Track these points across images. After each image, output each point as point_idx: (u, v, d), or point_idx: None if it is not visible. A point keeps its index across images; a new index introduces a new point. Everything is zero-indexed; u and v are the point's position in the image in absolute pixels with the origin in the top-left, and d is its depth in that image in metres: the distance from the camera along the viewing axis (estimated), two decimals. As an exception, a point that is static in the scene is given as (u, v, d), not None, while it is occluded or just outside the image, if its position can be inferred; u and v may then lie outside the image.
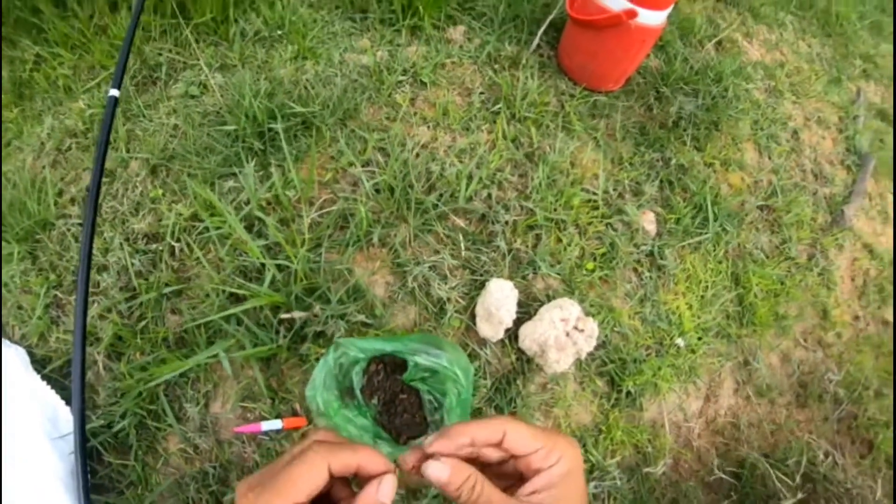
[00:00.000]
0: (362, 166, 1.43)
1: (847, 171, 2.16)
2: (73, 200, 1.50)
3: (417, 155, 1.48)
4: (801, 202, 1.90)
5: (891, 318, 1.99)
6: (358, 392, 1.16)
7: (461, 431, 0.40)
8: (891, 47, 2.87)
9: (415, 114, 1.59)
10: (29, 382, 1.22)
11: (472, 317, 1.33)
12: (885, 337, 1.91)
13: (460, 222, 1.42)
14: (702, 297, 1.60)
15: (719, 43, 2.17)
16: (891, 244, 2.11)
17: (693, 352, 1.53)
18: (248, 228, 1.33)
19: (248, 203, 1.35)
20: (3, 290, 1.39)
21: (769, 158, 1.95)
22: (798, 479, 1.49)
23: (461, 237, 1.39)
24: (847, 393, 1.72)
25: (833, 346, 1.82)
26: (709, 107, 1.88)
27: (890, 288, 2.01)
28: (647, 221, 1.57)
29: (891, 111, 2.53)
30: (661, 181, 1.69)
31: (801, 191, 1.94)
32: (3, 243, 1.43)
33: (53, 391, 1.23)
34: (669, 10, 1.57)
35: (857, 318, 1.93)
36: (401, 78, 1.65)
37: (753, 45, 2.30)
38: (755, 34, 2.34)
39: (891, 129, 2.48)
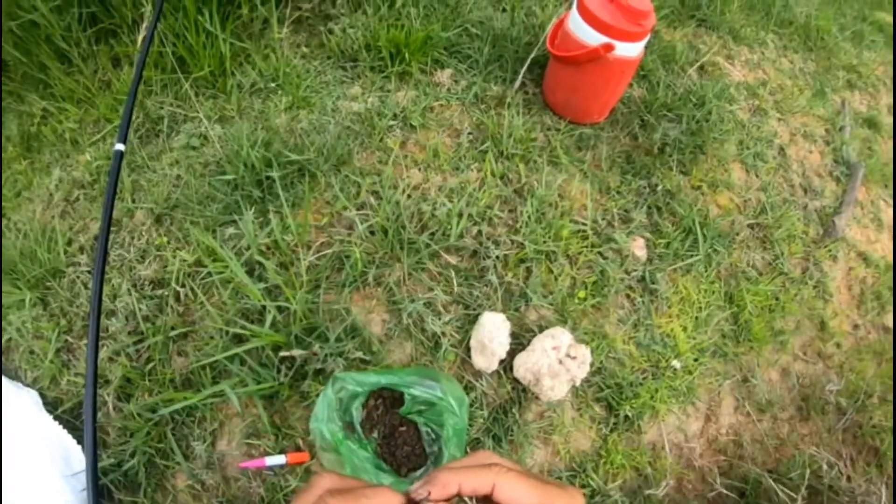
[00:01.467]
0: (356, 210, 1.48)
1: (836, 182, 2.19)
2: (81, 249, 1.55)
3: (409, 196, 1.53)
4: (792, 217, 1.93)
5: (891, 324, 2.00)
6: (358, 426, 1.20)
7: (449, 480, 0.38)
8: (873, 55, 2.91)
9: (406, 157, 1.64)
10: (42, 423, 1.26)
11: (467, 350, 1.37)
12: (886, 344, 1.92)
13: (452, 259, 1.47)
14: (696, 318, 1.63)
15: (701, 67, 2.22)
16: (885, 251, 2.13)
17: (690, 373, 1.55)
18: (249, 273, 1.38)
19: (248, 248, 1.40)
20: (16, 336, 1.45)
21: (757, 177, 1.99)
22: (803, 491, 1.50)
23: (453, 274, 1.43)
24: (850, 402, 1.73)
25: (833, 356, 1.83)
26: (693, 131, 1.92)
27: (888, 294, 2.03)
28: (637, 248, 1.61)
29: (878, 118, 2.56)
30: (650, 207, 1.73)
31: (790, 206, 1.97)
32: (16, 290, 1.48)
33: (66, 431, 1.27)
34: (646, 40, 1.62)
35: (856, 326, 1.95)
36: (391, 122, 1.71)
37: (735, 66, 2.35)
38: (737, 55, 2.39)
39: (879, 137, 2.51)
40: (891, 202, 2.31)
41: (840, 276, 1.98)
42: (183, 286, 1.42)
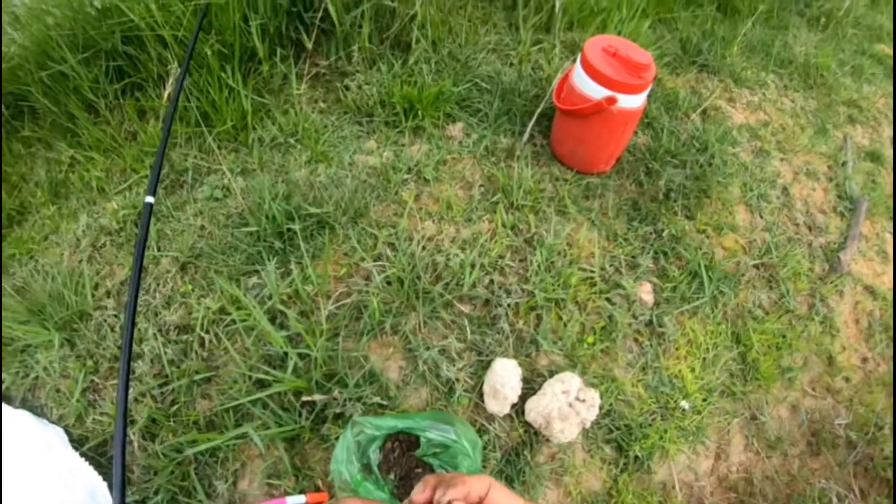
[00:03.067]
0: (373, 261, 1.55)
1: (840, 217, 2.22)
2: (108, 293, 1.60)
3: (424, 248, 1.60)
4: (797, 255, 1.96)
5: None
6: (375, 468, 1.25)
7: (463, 481, 0.44)
8: (874, 88, 2.96)
9: (420, 209, 1.71)
10: (69, 459, 1.31)
11: (480, 394, 1.42)
12: None
13: (465, 308, 1.52)
14: (703, 359, 1.66)
15: (704, 112, 2.28)
16: (892, 282, 2.14)
17: (699, 412, 1.58)
18: (272, 320, 1.44)
19: (270, 297, 1.47)
20: (43, 374, 1.50)
21: (761, 217, 2.03)
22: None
23: (467, 322, 1.49)
24: (860, 435, 1.74)
25: (842, 391, 1.85)
26: (697, 175, 1.97)
27: None
28: (645, 292, 1.66)
29: (880, 151, 2.59)
30: (656, 252, 1.78)
31: (795, 244, 2.00)
32: (44, 331, 1.52)
33: (91, 467, 1.31)
34: (648, 91, 1.69)
35: (865, 360, 1.96)
36: (406, 176, 1.78)
37: (737, 108, 2.41)
38: (738, 98, 2.45)
39: (882, 169, 2.54)
40: (896, 234, 2.33)
41: (847, 310, 2.01)
42: (207, 332, 1.47)
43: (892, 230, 2.34)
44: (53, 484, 1.24)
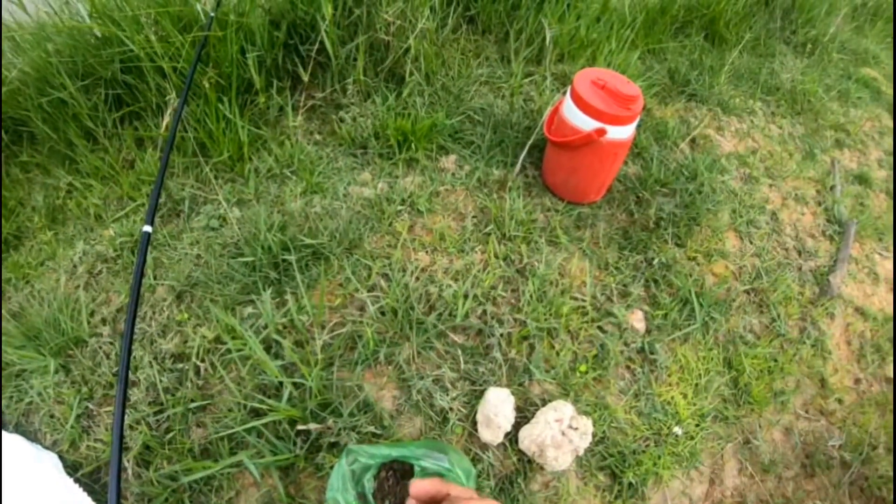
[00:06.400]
0: (367, 291, 1.57)
1: (830, 241, 2.25)
2: (104, 321, 1.61)
3: (417, 279, 1.62)
4: (787, 279, 1.99)
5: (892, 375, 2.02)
6: (370, 497, 1.26)
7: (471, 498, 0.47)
8: (860, 112, 3.02)
9: (413, 240, 1.73)
10: (64, 486, 1.31)
11: (474, 423, 1.43)
12: (889, 394, 1.93)
13: (459, 338, 1.54)
14: (696, 384, 1.68)
15: (693, 141, 2.32)
16: (883, 303, 2.16)
17: (692, 438, 1.59)
18: (267, 350, 1.46)
19: (266, 327, 1.48)
20: (37, 400, 1.50)
21: (751, 243, 2.06)
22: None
23: (460, 352, 1.51)
24: (855, 455, 1.74)
25: (835, 412, 1.86)
26: (687, 204, 2.01)
27: (888, 346, 2.06)
28: (636, 320, 1.69)
29: (868, 173, 2.63)
30: (647, 280, 1.80)
31: (785, 269, 2.03)
32: (39, 356, 1.52)
33: (85, 493, 1.31)
34: (636, 122, 1.72)
35: (857, 381, 1.97)
36: (399, 207, 1.80)
37: (726, 136, 2.45)
38: (726, 126, 2.50)
39: (869, 192, 2.58)
40: (885, 254, 2.35)
41: (838, 332, 2.02)
42: (203, 361, 1.49)
43: (880, 251, 2.37)
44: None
